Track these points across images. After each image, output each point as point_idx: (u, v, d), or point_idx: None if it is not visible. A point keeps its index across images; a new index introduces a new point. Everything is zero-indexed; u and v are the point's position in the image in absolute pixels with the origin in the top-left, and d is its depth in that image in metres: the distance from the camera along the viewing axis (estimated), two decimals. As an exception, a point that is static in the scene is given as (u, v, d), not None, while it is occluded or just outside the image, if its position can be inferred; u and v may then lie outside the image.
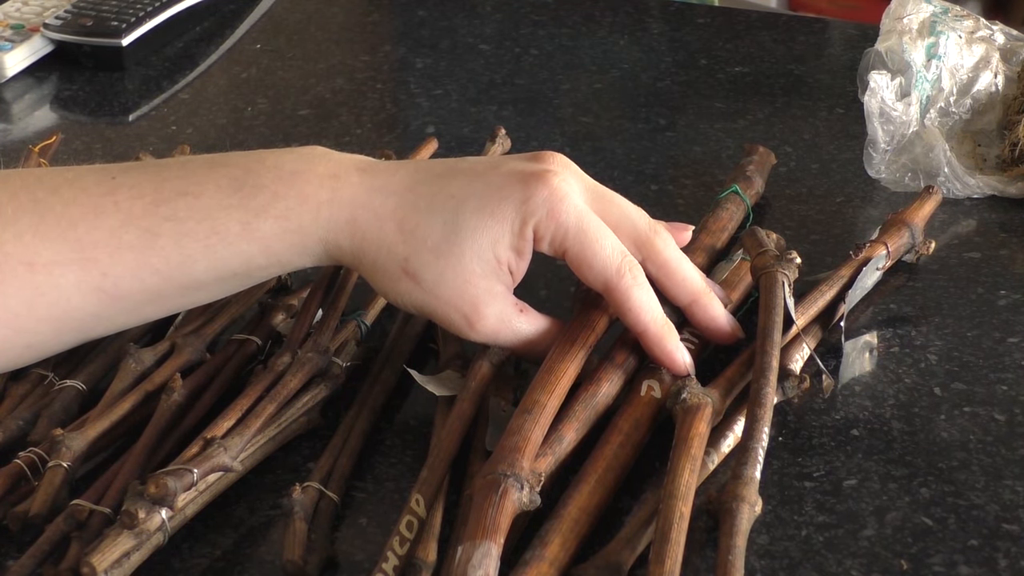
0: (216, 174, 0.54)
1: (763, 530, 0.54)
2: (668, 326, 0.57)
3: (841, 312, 0.65)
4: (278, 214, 0.53)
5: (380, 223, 0.54)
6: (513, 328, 0.56)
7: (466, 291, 0.54)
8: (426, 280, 0.54)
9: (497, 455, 0.51)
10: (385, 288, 0.56)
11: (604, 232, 0.55)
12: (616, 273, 0.55)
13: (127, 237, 0.51)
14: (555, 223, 0.54)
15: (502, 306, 0.55)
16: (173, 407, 0.59)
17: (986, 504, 0.55)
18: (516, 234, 0.54)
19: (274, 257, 0.54)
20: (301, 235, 0.54)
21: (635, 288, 0.56)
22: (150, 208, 0.51)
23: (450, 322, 0.55)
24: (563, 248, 0.55)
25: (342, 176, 0.55)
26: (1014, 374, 0.63)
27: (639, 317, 0.56)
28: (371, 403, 0.61)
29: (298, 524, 0.53)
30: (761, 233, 0.65)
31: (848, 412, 0.61)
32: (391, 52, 1.09)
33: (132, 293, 0.52)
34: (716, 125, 0.92)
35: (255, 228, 0.53)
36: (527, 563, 0.49)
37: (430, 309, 0.55)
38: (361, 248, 0.55)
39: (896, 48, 0.83)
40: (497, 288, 0.55)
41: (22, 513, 0.55)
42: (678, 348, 0.57)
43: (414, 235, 0.54)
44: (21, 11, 1.07)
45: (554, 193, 0.54)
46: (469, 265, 0.54)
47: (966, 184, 0.79)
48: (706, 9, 1.15)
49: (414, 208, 0.54)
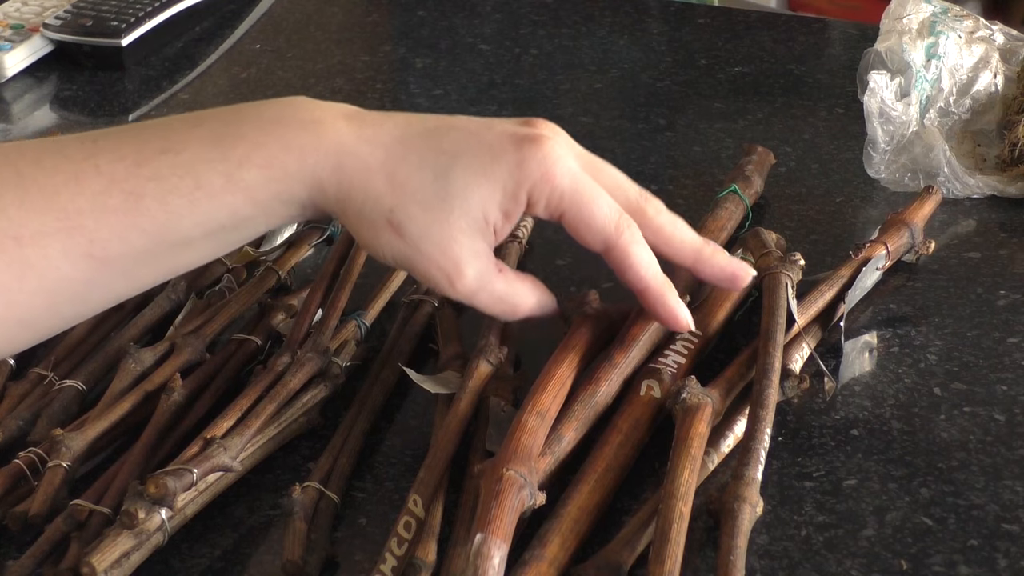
0: (197, 130, 0.53)
1: (763, 530, 0.54)
2: (668, 284, 0.57)
3: (841, 312, 0.65)
4: (261, 163, 0.52)
5: (368, 173, 0.53)
6: (492, 288, 0.55)
7: (450, 248, 0.54)
8: (410, 234, 0.53)
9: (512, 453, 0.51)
10: (367, 239, 0.55)
11: (599, 192, 0.55)
12: (615, 231, 0.55)
13: (111, 201, 0.50)
14: (550, 186, 0.54)
15: (483, 266, 0.55)
16: (173, 407, 0.59)
17: (986, 504, 0.55)
18: (508, 196, 0.54)
19: (260, 207, 0.53)
20: (286, 182, 0.53)
21: (634, 245, 0.56)
22: (132, 169, 0.51)
23: (429, 278, 0.55)
24: (559, 211, 0.55)
25: (327, 122, 0.54)
26: (1014, 374, 0.63)
27: (639, 273, 0.56)
28: (371, 403, 0.61)
29: (298, 524, 0.53)
30: (764, 234, 0.65)
31: (848, 412, 0.61)
32: (391, 52, 1.09)
33: (122, 256, 0.51)
34: (716, 125, 0.92)
35: (238, 179, 0.52)
36: (527, 563, 0.49)
37: (411, 263, 0.54)
38: (347, 196, 0.54)
39: (896, 48, 0.82)
40: (480, 246, 0.54)
41: (22, 513, 0.55)
42: (679, 305, 0.57)
43: (403, 188, 0.53)
44: (21, 11, 1.07)
45: (548, 156, 0.54)
46: (456, 222, 0.53)
47: (966, 184, 0.79)
48: (706, 9, 1.15)
49: (404, 161, 0.54)
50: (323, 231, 0.75)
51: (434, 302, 0.68)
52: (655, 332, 0.61)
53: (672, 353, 0.60)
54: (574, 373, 0.58)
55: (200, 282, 0.71)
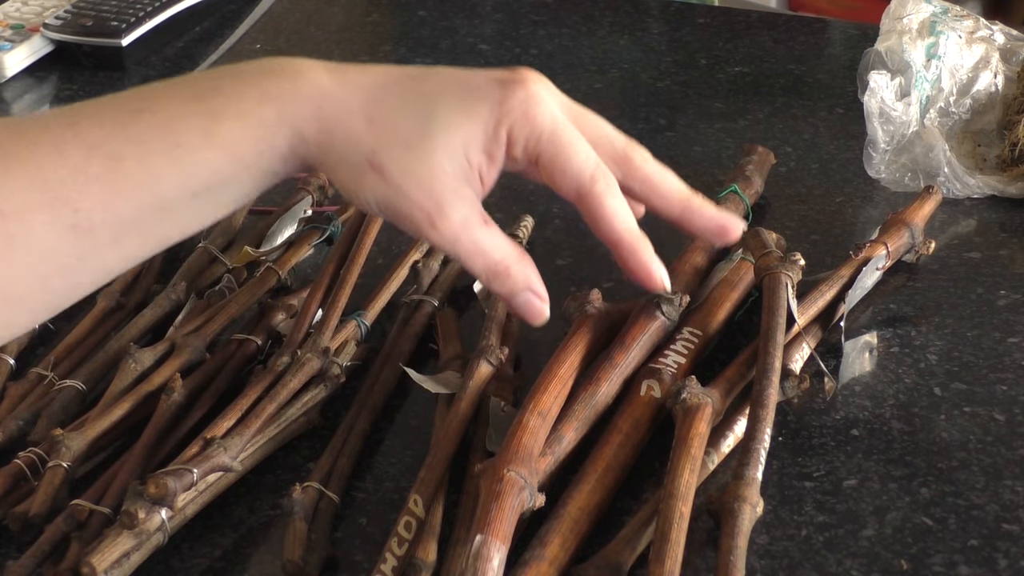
0: (175, 90, 0.52)
1: (763, 530, 0.54)
2: (642, 238, 0.55)
3: (841, 312, 0.65)
4: (239, 114, 0.51)
5: (348, 115, 0.52)
6: (474, 237, 0.53)
7: (433, 188, 0.52)
8: (392, 173, 0.52)
9: (512, 454, 0.51)
10: (348, 184, 0.53)
11: (578, 138, 0.54)
12: (590, 179, 0.54)
13: (92, 168, 0.50)
14: (530, 125, 0.53)
15: (468, 211, 0.53)
16: (173, 407, 0.59)
17: (986, 504, 0.55)
18: (490, 136, 0.53)
19: (241, 162, 0.52)
20: (264, 132, 0.52)
21: (608, 195, 0.54)
22: (112, 133, 0.50)
23: (411, 218, 0.53)
24: (536, 152, 0.53)
25: (306, 72, 0.53)
26: (1014, 374, 0.63)
27: (613, 225, 0.54)
28: (371, 403, 0.61)
29: (298, 524, 0.53)
30: (765, 234, 0.65)
31: (848, 412, 0.61)
32: (391, 52, 1.09)
33: (107, 224, 0.51)
34: (716, 125, 0.92)
35: (217, 133, 0.51)
36: (527, 563, 0.49)
37: (394, 205, 0.53)
38: (328, 141, 0.52)
39: (896, 48, 0.82)
40: (465, 191, 0.53)
41: (22, 513, 0.54)
42: (653, 260, 0.55)
43: (384, 128, 0.52)
44: (21, 11, 1.07)
45: (531, 96, 0.53)
46: (440, 162, 0.52)
47: (966, 184, 0.79)
48: (706, 9, 1.15)
49: (384, 103, 0.53)
50: (323, 231, 0.75)
51: (434, 302, 0.68)
52: (655, 332, 0.61)
53: (672, 353, 0.60)
54: (575, 373, 0.58)
55: (200, 282, 0.71)
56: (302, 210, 0.76)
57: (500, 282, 0.54)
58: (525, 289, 0.54)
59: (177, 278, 0.70)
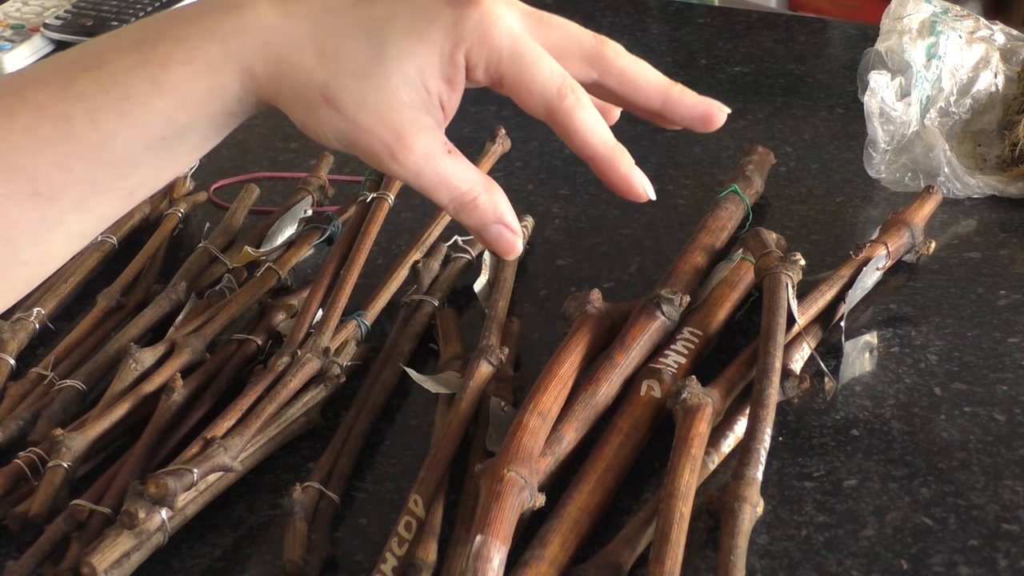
0: (117, 41, 0.51)
1: (763, 530, 0.54)
2: (619, 148, 0.53)
3: (841, 312, 0.65)
4: (184, 59, 0.49)
5: (297, 48, 0.50)
6: (438, 168, 0.51)
7: (391, 117, 0.50)
8: (347, 105, 0.50)
9: (513, 454, 0.51)
10: (305, 120, 0.52)
11: (541, 54, 0.52)
12: (557, 94, 0.51)
13: (43, 131, 0.49)
14: (488, 47, 0.51)
15: (429, 141, 0.50)
16: (173, 407, 0.59)
17: (986, 504, 0.55)
18: (446, 60, 0.51)
19: (194, 107, 0.50)
20: (213, 74, 0.50)
21: (579, 108, 0.52)
22: (58, 92, 0.49)
23: (372, 152, 0.51)
24: (499, 74, 0.51)
25: (247, 5, 0.51)
26: (1014, 374, 0.63)
27: (586, 139, 0.52)
28: (371, 403, 0.61)
29: (298, 524, 0.53)
30: (765, 234, 0.65)
31: (848, 412, 0.61)
32: (391, 52, 1.09)
33: (67, 187, 0.50)
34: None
35: (163, 81, 0.49)
36: (527, 563, 0.49)
37: (352, 139, 0.51)
38: (277, 75, 0.50)
39: (896, 48, 0.82)
40: (425, 120, 0.51)
41: (22, 513, 0.55)
42: (632, 170, 0.53)
43: (334, 58, 0.50)
44: (21, 11, 1.07)
45: (486, 16, 0.51)
46: (395, 90, 0.50)
47: (966, 184, 0.79)
48: (706, 9, 1.15)
49: (333, 31, 0.50)
50: (323, 231, 0.75)
51: (434, 302, 0.68)
52: (655, 332, 0.61)
53: (672, 353, 0.60)
54: (575, 373, 0.58)
55: (200, 282, 0.71)
56: (302, 210, 0.76)
57: (468, 214, 0.52)
58: (495, 221, 0.52)
59: (177, 278, 0.70)
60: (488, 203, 0.52)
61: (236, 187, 0.83)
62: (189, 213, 0.80)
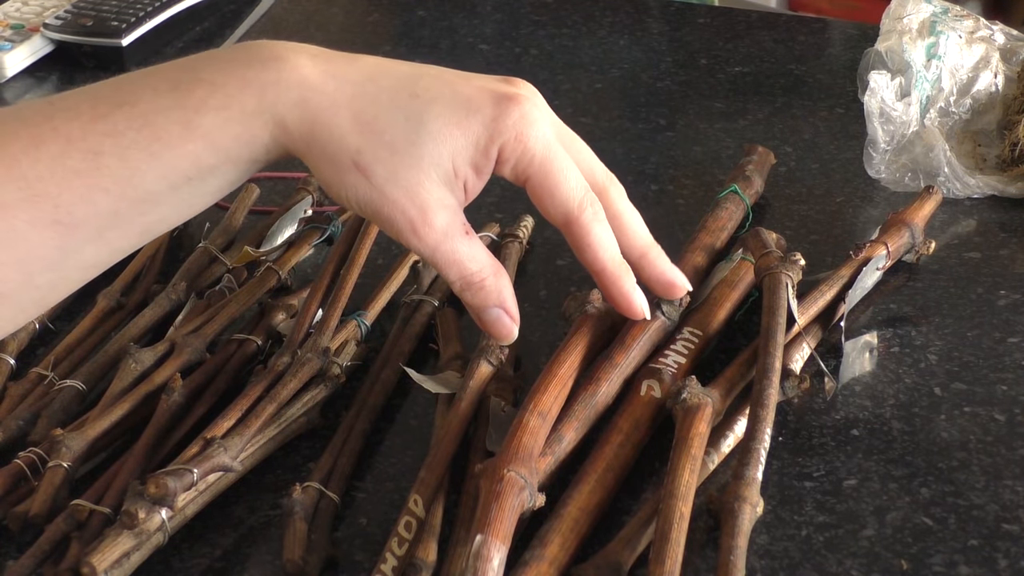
0: (152, 79, 0.51)
1: (763, 530, 0.54)
2: (625, 267, 0.56)
3: (841, 312, 0.65)
4: (218, 105, 0.50)
5: (334, 109, 0.51)
6: (454, 247, 0.52)
7: (418, 194, 0.51)
8: (377, 176, 0.51)
9: (513, 454, 0.51)
10: (331, 180, 0.52)
11: (569, 164, 0.54)
12: (578, 206, 0.54)
13: (70, 162, 0.49)
14: (523, 147, 0.52)
15: (450, 220, 0.52)
16: (173, 407, 0.59)
17: (986, 504, 0.55)
18: (480, 151, 0.52)
19: (223, 153, 0.51)
20: (245, 123, 0.50)
21: (596, 223, 0.54)
22: (89, 126, 0.49)
23: (393, 224, 0.52)
24: (527, 175, 0.53)
25: (290, 59, 0.51)
26: (1014, 374, 0.63)
27: (597, 254, 0.55)
28: (371, 403, 0.61)
29: (298, 524, 0.53)
30: (765, 234, 0.65)
31: (848, 412, 0.61)
32: (391, 52, 1.09)
33: (88, 219, 0.50)
34: (716, 125, 0.92)
35: (197, 125, 0.50)
36: (527, 563, 0.49)
37: (375, 208, 0.52)
38: (311, 133, 0.51)
39: (896, 48, 0.83)
40: (449, 200, 0.52)
41: (22, 513, 0.54)
42: (635, 289, 0.57)
43: (371, 127, 0.51)
44: (21, 11, 1.07)
45: (525, 117, 0.52)
46: (426, 169, 0.51)
47: (966, 184, 0.79)
48: (706, 9, 1.15)
49: (374, 100, 0.51)
50: (323, 231, 0.75)
51: (434, 302, 0.68)
52: (655, 332, 0.61)
53: (672, 353, 0.60)
54: (575, 373, 0.58)
55: (200, 282, 0.71)
56: (302, 210, 0.76)
57: (472, 294, 0.54)
58: (496, 305, 0.54)
59: (177, 278, 0.70)
60: (493, 287, 0.54)
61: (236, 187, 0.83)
62: (189, 213, 0.80)
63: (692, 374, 0.58)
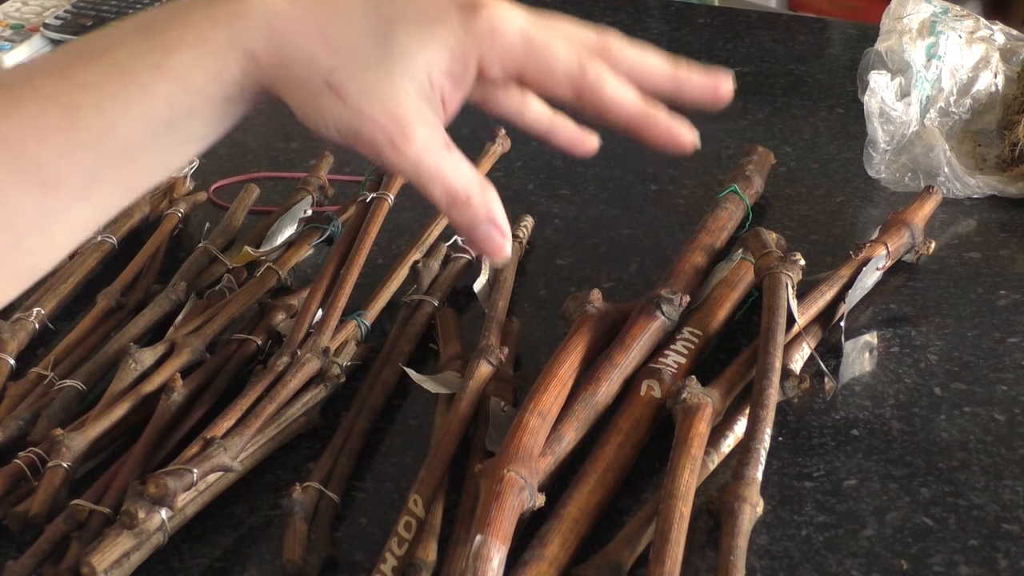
0: (127, 26, 0.51)
1: (763, 530, 0.54)
2: (652, 107, 0.54)
3: (841, 312, 0.65)
4: (189, 43, 0.50)
5: (304, 34, 0.50)
6: (437, 161, 0.51)
7: (395, 109, 0.50)
8: (351, 95, 0.50)
9: (513, 454, 0.51)
10: (306, 107, 0.51)
11: (554, 38, 0.52)
12: (580, 70, 0.52)
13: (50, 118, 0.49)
14: (502, 43, 0.51)
15: (431, 134, 0.51)
16: (173, 407, 0.59)
17: (986, 504, 0.55)
18: (457, 58, 0.51)
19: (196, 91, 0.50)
20: (216, 58, 0.50)
21: (605, 79, 0.52)
22: (66, 82, 0.49)
23: (373, 142, 0.50)
24: (518, 65, 0.52)
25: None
26: (1014, 374, 0.63)
27: (621, 108, 0.53)
28: (371, 403, 0.61)
29: (298, 524, 0.53)
30: (765, 234, 0.65)
31: (848, 412, 0.61)
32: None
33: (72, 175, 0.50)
34: (716, 125, 0.92)
35: (168, 66, 0.49)
36: (527, 563, 0.49)
37: (354, 129, 0.50)
38: (283, 62, 0.50)
39: (896, 48, 0.82)
40: (428, 114, 0.51)
41: (22, 513, 0.54)
42: (671, 122, 0.54)
43: (342, 47, 0.50)
44: (21, 11, 1.07)
45: (495, 16, 0.51)
46: (401, 83, 0.50)
47: (966, 184, 0.79)
48: (706, 9, 1.15)
49: (343, 22, 0.51)
50: (323, 231, 0.75)
51: (434, 302, 0.68)
52: (655, 332, 0.61)
53: (672, 353, 0.60)
54: (575, 373, 0.58)
55: (200, 282, 0.71)
56: (302, 210, 0.76)
57: (460, 211, 0.51)
58: (486, 221, 0.52)
59: (177, 278, 0.70)
60: (481, 202, 0.51)
61: (236, 187, 0.83)
62: (189, 213, 0.80)
63: (692, 374, 0.58)
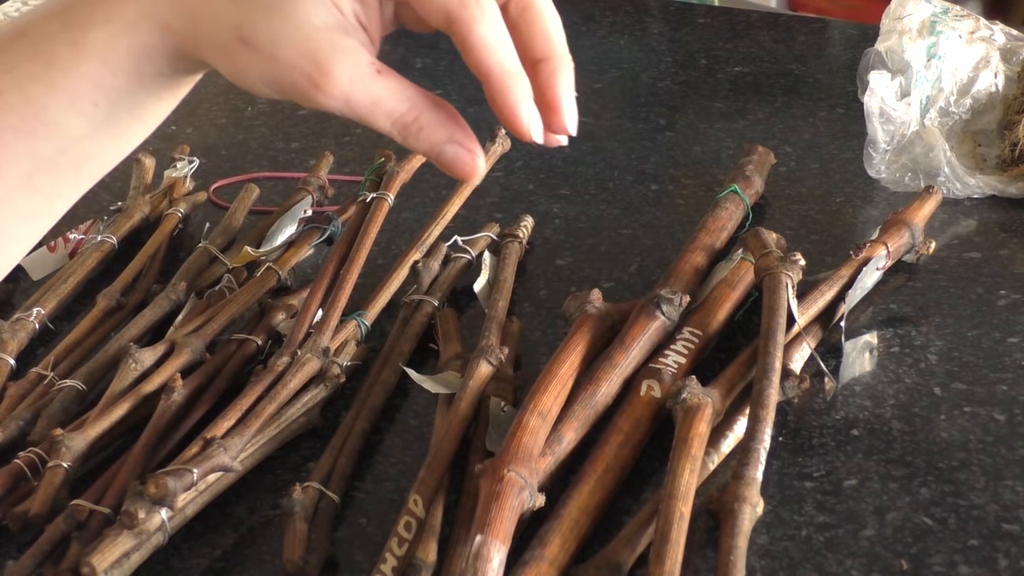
0: (44, 6, 0.50)
1: (763, 530, 0.54)
2: (517, 75, 0.48)
3: (841, 312, 0.65)
4: (102, 19, 0.48)
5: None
6: (368, 90, 0.47)
7: (307, 47, 0.47)
8: (262, 42, 0.48)
9: (513, 454, 0.51)
10: (227, 67, 0.49)
11: None
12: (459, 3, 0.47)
13: None
14: None
15: (353, 63, 0.47)
16: (173, 407, 0.59)
17: (986, 504, 0.55)
18: None
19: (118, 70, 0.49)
20: (131, 33, 0.49)
21: (481, 20, 0.47)
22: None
23: (296, 87, 0.48)
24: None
25: None
26: (1014, 374, 0.63)
27: (482, 56, 0.47)
28: (371, 403, 0.61)
29: (298, 524, 0.53)
30: (765, 234, 0.65)
31: (848, 412, 0.61)
32: (391, 52, 1.09)
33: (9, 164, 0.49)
34: (716, 125, 0.92)
35: (84, 44, 0.48)
36: (527, 563, 0.49)
37: (275, 78, 0.48)
38: (195, 25, 0.49)
39: (896, 48, 0.82)
40: (345, 42, 0.48)
41: (22, 513, 0.54)
42: (523, 102, 0.48)
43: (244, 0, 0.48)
44: (21, 11, 1.07)
45: None
46: (305, 17, 0.47)
47: (966, 184, 0.79)
48: (706, 9, 1.15)
49: None
50: (323, 231, 0.75)
51: (434, 302, 0.68)
52: (655, 332, 0.61)
53: (672, 353, 0.60)
54: (575, 373, 0.58)
55: (200, 282, 0.71)
56: (302, 210, 0.76)
57: (415, 137, 0.47)
58: (448, 141, 0.48)
59: (177, 278, 0.70)
60: (433, 122, 0.48)
61: (236, 187, 0.83)
62: (189, 213, 0.80)
63: (692, 374, 0.58)
